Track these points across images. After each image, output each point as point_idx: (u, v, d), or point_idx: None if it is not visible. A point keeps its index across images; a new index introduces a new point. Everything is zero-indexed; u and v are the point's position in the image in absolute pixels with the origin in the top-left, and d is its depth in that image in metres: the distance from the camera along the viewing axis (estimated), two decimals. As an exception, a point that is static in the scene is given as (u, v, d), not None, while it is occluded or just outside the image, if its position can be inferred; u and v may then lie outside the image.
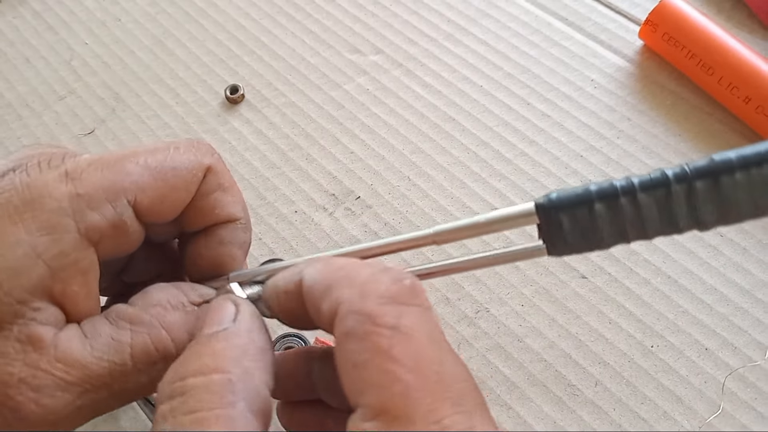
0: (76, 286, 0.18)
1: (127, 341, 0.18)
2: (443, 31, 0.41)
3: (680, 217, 0.17)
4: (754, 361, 0.28)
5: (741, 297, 0.30)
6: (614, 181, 0.17)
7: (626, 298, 0.31)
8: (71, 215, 0.18)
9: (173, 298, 0.20)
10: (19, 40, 0.44)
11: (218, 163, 0.21)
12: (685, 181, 0.17)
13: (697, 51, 0.35)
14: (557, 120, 0.36)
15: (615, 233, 0.17)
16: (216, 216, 0.21)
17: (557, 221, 0.17)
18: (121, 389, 0.18)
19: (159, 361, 0.19)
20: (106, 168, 0.19)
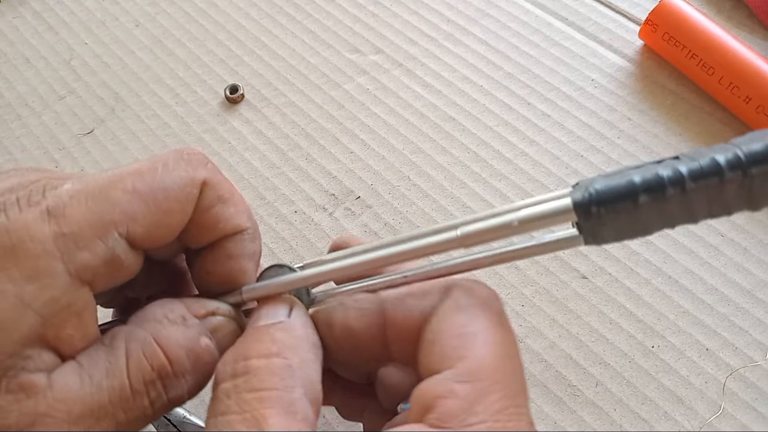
0: (71, 329, 0.17)
1: (123, 362, 0.17)
2: (443, 30, 0.41)
3: (733, 203, 0.16)
4: (755, 361, 0.28)
5: (742, 297, 0.30)
6: (659, 169, 0.16)
7: (627, 298, 0.31)
8: (59, 257, 0.17)
9: (171, 312, 0.19)
10: (19, 40, 0.44)
11: (214, 173, 0.20)
12: (740, 168, 0.15)
13: (697, 51, 0.35)
14: (557, 120, 0.36)
15: (661, 223, 0.16)
16: (220, 230, 0.20)
17: (598, 218, 0.16)
18: (126, 418, 0.17)
19: (156, 380, 0.18)
20: (90, 200, 0.17)
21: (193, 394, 0.19)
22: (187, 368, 0.18)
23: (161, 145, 0.38)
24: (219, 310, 0.20)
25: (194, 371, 0.18)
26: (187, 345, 0.18)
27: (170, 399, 0.18)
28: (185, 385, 0.18)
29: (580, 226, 0.17)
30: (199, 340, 0.18)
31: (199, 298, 0.20)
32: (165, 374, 0.18)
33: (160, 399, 0.17)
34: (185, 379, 0.18)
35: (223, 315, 0.20)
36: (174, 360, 0.18)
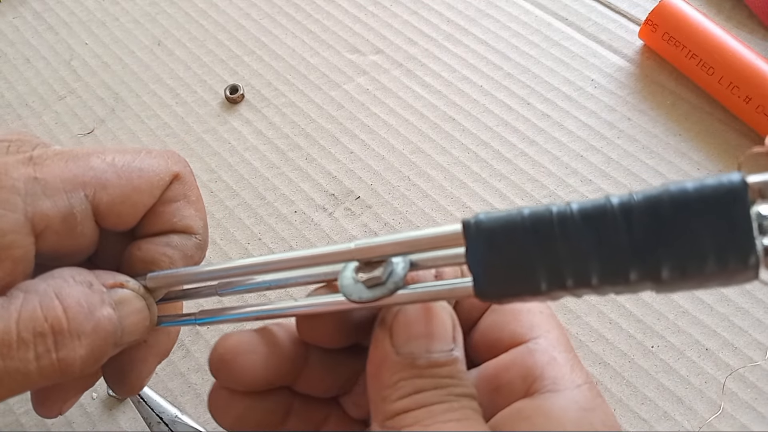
0: (2, 272, 0.17)
1: (16, 308, 0.17)
2: (443, 31, 0.41)
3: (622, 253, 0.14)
4: (754, 361, 0.28)
5: (741, 297, 0.30)
6: (551, 207, 0.15)
7: (626, 298, 0.31)
8: (22, 196, 0.17)
9: (79, 275, 0.18)
10: (19, 40, 0.44)
11: (188, 174, 0.21)
12: (629, 212, 0.14)
13: (697, 51, 0.35)
14: (557, 120, 0.36)
15: (549, 266, 0.15)
16: (173, 224, 0.20)
17: (483, 239, 0.16)
18: (5, 367, 0.16)
19: (48, 333, 0.17)
20: (71, 160, 0.18)
21: (86, 364, 0.17)
22: (85, 331, 0.17)
23: (161, 145, 0.38)
24: (128, 284, 0.19)
25: (91, 336, 0.17)
26: (87, 307, 0.17)
27: (60, 359, 0.17)
28: (79, 349, 0.17)
29: (470, 263, 0.16)
30: (101, 306, 0.18)
31: (109, 271, 0.20)
32: (58, 329, 0.17)
33: (47, 356, 0.17)
34: (79, 341, 0.17)
35: (132, 290, 0.19)
36: (71, 317, 0.17)
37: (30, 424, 0.30)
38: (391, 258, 0.17)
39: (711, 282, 0.14)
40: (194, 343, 0.31)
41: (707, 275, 0.14)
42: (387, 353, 0.17)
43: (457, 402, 0.16)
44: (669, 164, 0.34)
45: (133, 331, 0.19)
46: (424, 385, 0.17)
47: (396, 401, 0.16)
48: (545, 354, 0.18)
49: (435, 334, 0.17)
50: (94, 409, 0.30)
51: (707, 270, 0.14)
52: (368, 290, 0.17)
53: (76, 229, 0.18)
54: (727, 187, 0.14)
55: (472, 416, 0.16)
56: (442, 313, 0.18)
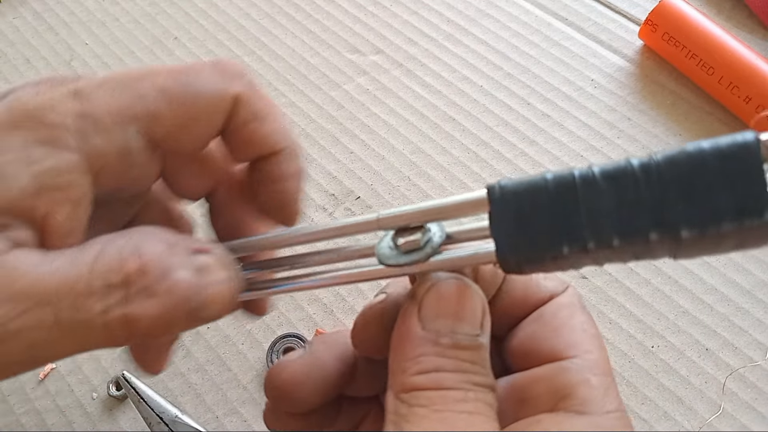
0: (61, 216, 0.16)
1: (91, 256, 0.16)
2: (443, 31, 0.41)
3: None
4: (754, 361, 0.28)
5: (741, 297, 0.30)
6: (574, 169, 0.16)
7: (626, 298, 0.31)
8: (74, 134, 0.16)
9: (163, 233, 0.17)
10: (19, 41, 0.44)
11: (250, 88, 0.18)
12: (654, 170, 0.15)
13: (697, 51, 0.35)
14: (557, 120, 0.36)
15: (571, 227, 0.15)
16: (255, 151, 0.19)
17: (507, 203, 0.16)
18: (68, 318, 0.15)
19: (120, 285, 0.15)
20: (118, 89, 0.17)
21: (154, 327, 0.16)
22: (158, 290, 0.16)
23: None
24: (213, 251, 0.17)
25: (163, 298, 0.16)
26: (165, 266, 0.16)
27: (127, 315, 0.15)
28: (149, 308, 0.16)
29: (493, 228, 0.16)
30: (179, 268, 0.16)
31: (197, 238, 0.18)
32: (131, 281, 0.16)
33: (115, 310, 0.15)
34: (150, 301, 0.16)
35: (217, 257, 0.17)
36: (147, 270, 0.16)
37: (30, 424, 0.30)
38: (428, 224, 0.18)
39: (727, 242, 0.15)
40: (194, 343, 0.31)
41: (724, 233, 0.14)
42: (413, 326, 0.17)
43: (473, 392, 0.16)
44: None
45: (212, 303, 0.17)
46: (445, 364, 0.16)
47: (414, 375, 0.16)
48: (579, 374, 0.17)
49: (463, 316, 0.17)
50: (94, 409, 0.30)
51: (724, 226, 0.14)
52: (404, 255, 0.17)
53: (133, 165, 0.17)
54: (741, 143, 0.14)
55: (484, 410, 0.16)
56: (474, 297, 0.18)
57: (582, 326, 0.19)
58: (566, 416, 0.16)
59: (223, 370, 0.30)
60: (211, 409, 0.30)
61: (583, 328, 0.19)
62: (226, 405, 0.30)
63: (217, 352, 0.31)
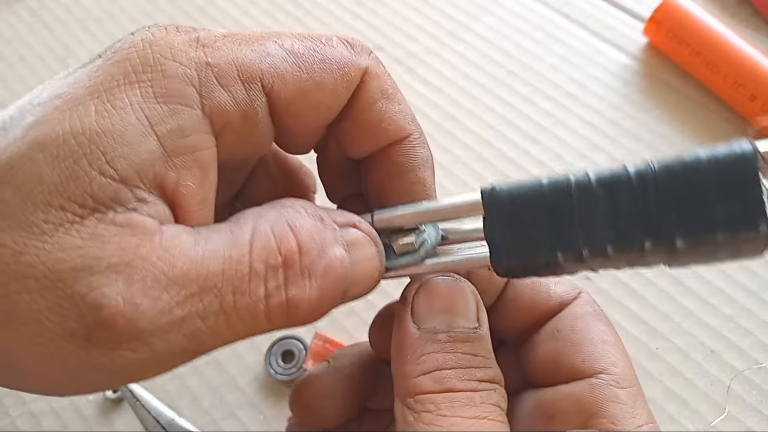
0: (192, 182, 0.14)
1: (248, 236, 0.14)
2: (445, 28, 0.40)
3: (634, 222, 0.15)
4: (759, 363, 0.28)
5: (747, 298, 0.30)
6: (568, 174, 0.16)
7: (631, 299, 0.30)
8: (197, 86, 0.14)
9: (311, 207, 0.16)
10: (15, 38, 0.43)
11: (377, 64, 0.17)
12: (652, 176, 0.15)
13: (701, 49, 0.35)
14: (560, 118, 0.36)
15: (565, 233, 0.15)
16: (383, 132, 0.17)
17: (502, 207, 0.16)
18: (234, 303, 0.14)
19: (279, 267, 0.14)
20: (244, 43, 0.15)
21: (313, 310, 0.15)
22: (316, 270, 0.15)
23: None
24: (360, 225, 0.17)
25: (322, 278, 0.15)
26: (321, 243, 0.15)
27: (289, 298, 0.15)
28: (309, 290, 0.15)
29: (487, 232, 0.16)
30: (334, 245, 0.15)
31: (339, 210, 0.17)
32: (291, 263, 0.14)
33: (277, 294, 0.14)
34: (309, 282, 0.15)
35: (365, 231, 0.17)
36: (304, 251, 0.15)
37: (26, 427, 0.29)
38: (422, 226, 0.17)
39: (721, 252, 0.14)
40: (192, 344, 0.31)
41: (719, 244, 0.14)
42: (408, 329, 0.17)
43: (480, 394, 0.16)
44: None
45: (361, 281, 0.16)
46: (446, 360, 0.16)
47: (417, 377, 0.16)
48: (607, 390, 0.17)
49: (457, 310, 0.17)
50: (90, 412, 0.29)
51: (719, 238, 0.14)
52: (398, 258, 0.17)
53: (257, 128, 0.15)
54: (737, 155, 0.14)
55: (492, 413, 0.16)
56: (464, 291, 0.17)
57: (601, 336, 0.18)
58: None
59: (220, 372, 0.30)
60: (208, 412, 0.29)
61: (603, 338, 0.18)
62: (223, 408, 0.29)
63: (214, 354, 0.30)
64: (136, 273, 0.13)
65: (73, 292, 0.13)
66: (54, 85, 0.15)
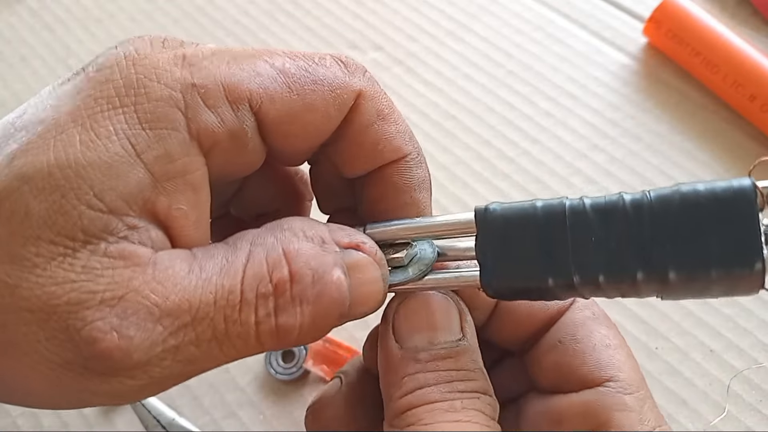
0: (185, 204, 0.14)
1: (241, 263, 0.14)
2: (444, 27, 0.40)
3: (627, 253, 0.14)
4: (759, 363, 0.28)
5: (746, 298, 0.30)
6: (564, 199, 0.16)
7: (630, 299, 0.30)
8: (182, 109, 0.14)
9: (311, 228, 0.16)
10: (15, 38, 0.43)
11: (372, 85, 0.17)
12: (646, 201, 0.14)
13: (701, 49, 0.35)
14: (560, 118, 0.36)
15: (557, 259, 0.15)
16: (379, 153, 0.17)
17: (495, 228, 0.16)
18: (225, 331, 0.14)
19: (270, 295, 0.15)
20: (232, 61, 0.15)
21: (305, 335, 0.15)
22: (308, 296, 0.15)
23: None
24: (364, 246, 0.16)
25: (314, 304, 0.15)
26: (316, 269, 0.15)
27: (278, 326, 0.15)
28: (299, 316, 0.15)
29: (479, 251, 0.16)
30: (332, 269, 0.15)
31: (345, 227, 0.17)
32: (282, 291, 0.15)
33: (267, 321, 0.14)
34: (300, 308, 0.15)
35: (368, 253, 0.16)
36: (296, 279, 0.15)
37: (26, 426, 0.29)
38: (414, 242, 0.17)
39: (715, 288, 0.14)
40: (192, 344, 0.31)
41: (713, 279, 0.14)
42: (391, 350, 0.17)
43: (460, 401, 0.16)
44: (673, 163, 0.34)
45: (363, 304, 0.16)
46: (427, 380, 0.16)
47: (399, 399, 0.16)
48: (614, 398, 0.17)
49: (437, 326, 0.17)
50: (91, 411, 0.29)
51: (713, 273, 0.14)
52: (389, 274, 0.17)
53: (246, 147, 0.15)
54: (736, 190, 0.14)
55: (474, 417, 0.16)
56: (445, 304, 0.17)
57: (604, 341, 0.18)
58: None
59: (220, 372, 0.30)
60: (208, 411, 0.29)
61: (605, 343, 0.18)
62: (223, 408, 0.29)
63: (215, 353, 0.30)
64: (130, 306, 0.13)
65: (68, 325, 0.13)
66: (37, 106, 0.14)
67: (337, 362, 0.29)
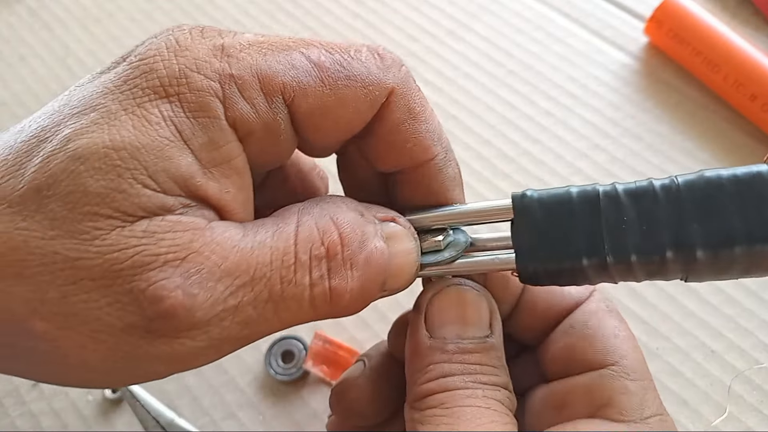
0: (233, 188, 0.15)
1: (293, 228, 0.15)
2: (444, 27, 0.40)
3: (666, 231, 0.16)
4: (760, 363, 0.28)
5: (747, 298, 0.30)
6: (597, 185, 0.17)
7: (631, 299, 0.30)
8: (221, 99, 0.15)
9: (351, 202, 0.17)
10: (14, 38, 0.43)
11: (406, 81, 0.17)
12: (672, 185, 0.16)
13: (702, 48, 0.35)
14: (561, 118, 0.36)
15: (591, 240, 0.16)
16: (409, 152, 0.17)
17: (531, 212, 0.17)
18: (282, 292, 0.15)
19: (323, 257, 0.15)
20: (269, 52, 0.15)
21: (354, 301, 0.16)
22: (357, 261, 0.16)
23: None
24: (399, 219, 0.17)
25: (363, 269, 0.16)
26: (362, 235, 0.16)
27: (332, 288, 0.15)
28: (351, 280, 0.15)
29: (515, 237, 0.17)
30: (374, 237, 0.16)
31: (377, 205, 0.18)
32: (334, 254, 0.15)
33: (321, 283, 0.15)
34: (351, 272, 0.16)
35: (404, 225, 0.17)
36: (346, 242, 0.15)
37: (25, 427, 0.29)
38: (449, 230, 0.18)
39: (738, 266, 0.15)
40: (192, 344, 0.31)
41: (736, 256, 0.15)
42: (421, 337, 0.17)
43: (482, 390, 0.16)
44: (674, 163, 0.34)
45: (398, 275, 0.17)
46: (452, 370, 0.17)
47: (423, 384, 0.17)
48: (617, 382, 0.17)
49: (468, 320, 0.17)
50: (90, 412, 0.29)
51: (737, 250, 0.15)
52: (425, 256, 0.18)
53: (279, 138, 0.16)
54: (755, 174, 0.15)
55: (493, 405, 0.16)
56: (477, 300, 0.18)
57: (614, 331, 0.19)
58: (603, 423, 0.17)
59: (220, 372, 0.30)
60: (208, 412, 0.29)
61: (615, 333, 0.19)
62: (223, 408, 0.29)
63: (214, 354, 0.30)
64: (192, 266, 0.14)
65: (132, 287, 0.13)
66: (83, 94, 0.15)
67: (336, 363, 0.29)
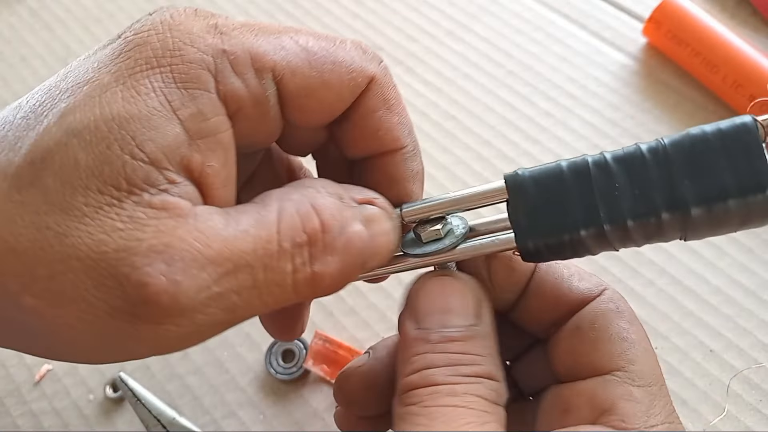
0: (216, 163, 0.15)
1: (274, 216, 0.15)
2: (444, 28, 0.40)
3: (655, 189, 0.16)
4: (759, 362, 0.28)
5: (746, 298, 0.30)
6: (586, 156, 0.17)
7: (630, 298, 0.30)
8: (213, 72, 0.15)
9: (330, 186, 0.17)
10: (15, 39, 0.43)
11: (384, 73, 0.18)
12: (663, 154, 0.16)
13: (701, 49, 0.35)
14: (560, 118, 0.36)
15: (586, 210, 0.16)
16: (379, 140, 0.18)
17: (525, 190, 0.17)
18: (264, 280, 0.15)
19: (305, 244, 0.15)
20: (260, 33, 0.16)
21: (335, 283, 0.16)
22: (337, 246, 0.16)
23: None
24: (377, 201, 0.18)
25: (342, 253, 0.16)
26: (341, 220, 0.16)
27: (314, 273, 0.16)
28: (331, 264, 0.16)
29: (511, 215, 0.17)
30: (353, 222, 0.16)
31: (356, 186, 0.18)
32: (315, 240, 0.16)
33: (303, 269, 0.15)
34: (332, 257, 0.16)
35: (381, 207, 0.18)
36: (326, 229, 0.16)
37: (26, 426, 0.29)
38: (448, 217, 0.18)
39: (734, 219, 0.15)
40: (193, 344, 0.31)
41: (731, 209, 0.15)
42: (408, 328, 0.17)
43: (462, 385, 0.16)
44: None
45: (378, 254, 0.17)
46: (435, 360, 0.16)
47: (407, 376, 0.17)
48: (621, 388, 0.17)
49: (451, 309, 0.17)
50: (91, 411, 0.29)
51: (730, 203, 0.15)
52: (426, 245, 0.18)
53: (268, 115, 0.16)
54: (739, 125, 0.15)
55: (472, 402, 0.16)
56: (461, 288, 0.18)
57: (622, 334, 0.18)
58: (605, 430, 0.16)
59: (221, 372, 0.30)
60: (208, 411, 0.29)
61: (623, 336, 0.18)
62: (224, 407, 0.29)
63: (215, 354, 0.30)
64: (176, 253, 0.14)
65: (117, 272, 0.14)
66: (79, 70, 0.15)
67: (337, 362, 0.29)
